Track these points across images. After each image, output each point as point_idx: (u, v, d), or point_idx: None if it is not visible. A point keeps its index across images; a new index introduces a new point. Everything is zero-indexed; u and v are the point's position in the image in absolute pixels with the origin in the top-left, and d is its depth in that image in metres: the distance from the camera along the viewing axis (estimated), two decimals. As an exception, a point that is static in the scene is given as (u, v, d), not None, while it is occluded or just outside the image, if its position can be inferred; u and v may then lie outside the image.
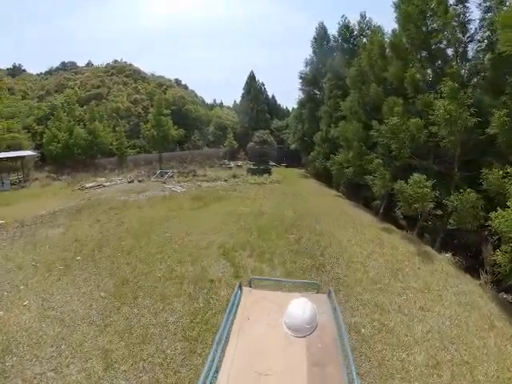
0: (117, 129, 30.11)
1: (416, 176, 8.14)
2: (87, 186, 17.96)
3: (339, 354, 1.77)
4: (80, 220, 10.00)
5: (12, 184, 21.09)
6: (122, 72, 56.27)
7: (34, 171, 25.86)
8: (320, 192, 15.39)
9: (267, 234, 7.81)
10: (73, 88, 38.90)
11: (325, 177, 18.07)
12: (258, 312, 2.14)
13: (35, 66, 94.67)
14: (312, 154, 19.89)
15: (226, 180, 17.90)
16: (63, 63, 65.80)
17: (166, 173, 20.98)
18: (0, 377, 3.49)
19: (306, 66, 23.35)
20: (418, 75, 9.37)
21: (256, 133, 36.12)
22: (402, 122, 8.86)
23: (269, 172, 20.04)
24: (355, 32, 17.45)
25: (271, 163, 27.89)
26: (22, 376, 3.50)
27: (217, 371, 1.65)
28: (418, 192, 7.90)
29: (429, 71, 10.00)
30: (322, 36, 22.11)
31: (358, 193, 13.55)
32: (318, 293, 2.55)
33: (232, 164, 26.90)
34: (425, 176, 8.12)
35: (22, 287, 5.55)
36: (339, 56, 17.93)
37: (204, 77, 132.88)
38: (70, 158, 26.45)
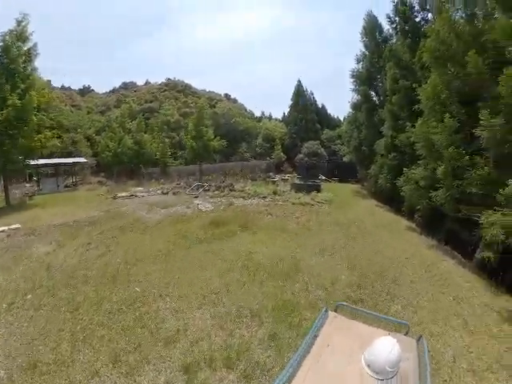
0: (161, 140, 29.42)
1: None
2: (120, 195, 16.73)
3: None
4: (76, 239, 8.42)
5: (66, 186, 23.15)
6: (174, 88, 57.68)
7: (90, 176, 28.64)
8: (385, 221, 10.75)
9: (294, 328, 3.86)
10: (128, 103, 39.94)
11: (389, 197, 13.45)
12: (339, 341, 1.98)
13: (103, 87, 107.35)
14: (373, 167, 15.22)
15: (264, 197, 14.49)
16: (124, 83, 70.69)
17: (203, 186, 18.65)
18: None
19: (358, 62, 18.94)
20: None
21: (305, 144, 32.56)
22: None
23: (317, 189, 15.89)
24: (416, 7, 12.95)
25: (321, 177, 23.87)
26: None
27: None
28: None
29: None
30: (372, 25, 17.75)
31: (440, 225, 9.16)
32: (406, 335, 2.19)
33: (277, 177, 23.56)
34: None
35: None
36: (400, 39, 13.52)
37: (255, 91, 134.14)
38: (119, 165, 27.17)
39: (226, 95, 64.55)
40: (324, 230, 9.03)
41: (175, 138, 38.18)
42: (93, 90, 65.64)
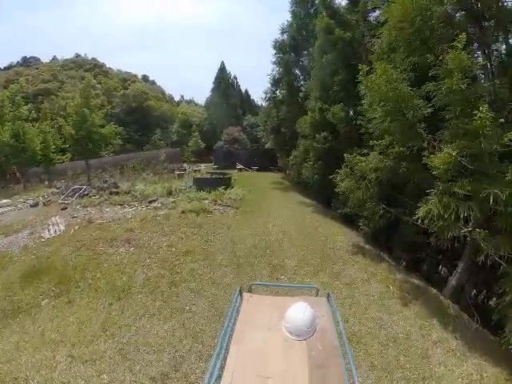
0: (46, 130, 20.65)
1: None
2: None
3: (339, 356, 1.61)
4: None
5: None
6: (81, 67, 45.91)
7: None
8: (317, 235, 6.45)
9: None
10: (19, 83, 28.69)
11: (318, 190, 9.63)
12: (258, 317, 1.90)
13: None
14: (294, 153, 11.16)
15: (151, 201, 9.21)
16: (24, 58, 54.60)
17: (80, 189, 12.18)
18: None
19: (283, 33, 14.78)
20: None
21: (225, 130, 27.67)
22: None
23: (226, 183, 11.10)
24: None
25: (239, 166, 19.38)
26: None
27: (219, 377, 1.47)
28: None
29: None
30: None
31: (390, 235, 5.52)
32: (317, 296, 2.26)
33: (188, 169, 18.23)
34: None
35: None
36: None
37: (181, 76, 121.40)
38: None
39: (144, 76, 54.64)
40: (200, 285, 4.41)
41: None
42: (-18, 63, 48.63)
